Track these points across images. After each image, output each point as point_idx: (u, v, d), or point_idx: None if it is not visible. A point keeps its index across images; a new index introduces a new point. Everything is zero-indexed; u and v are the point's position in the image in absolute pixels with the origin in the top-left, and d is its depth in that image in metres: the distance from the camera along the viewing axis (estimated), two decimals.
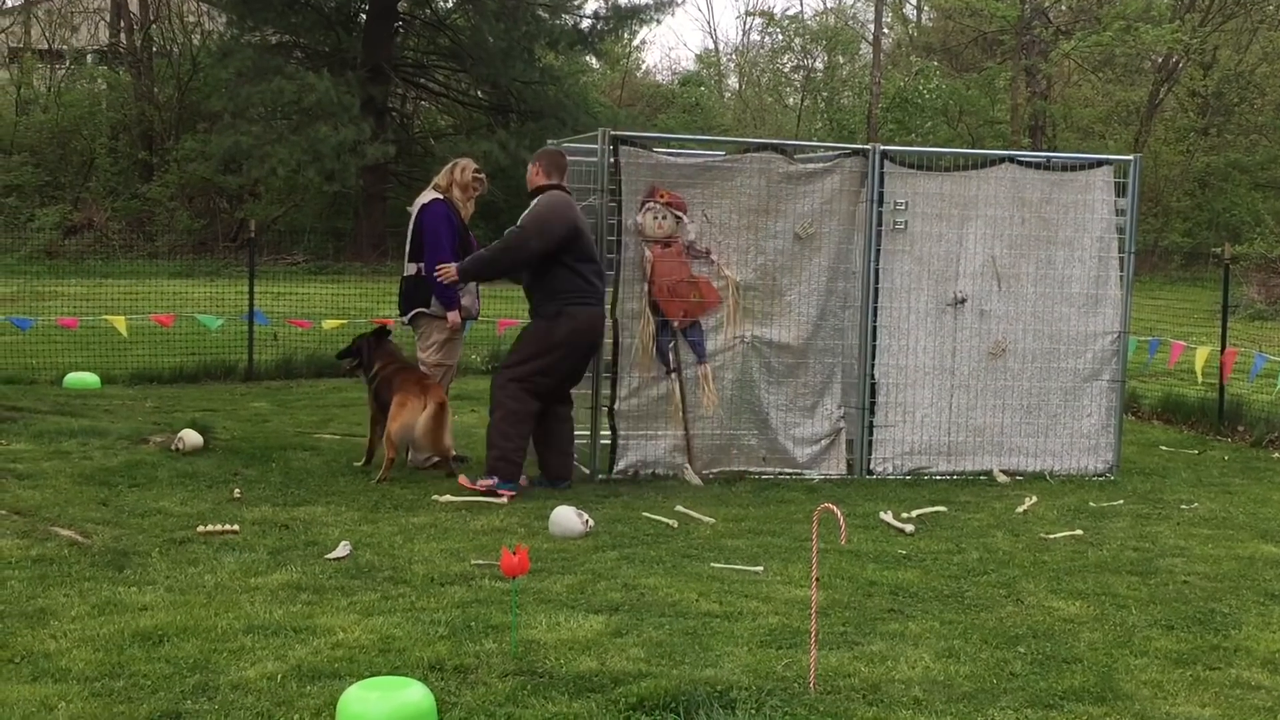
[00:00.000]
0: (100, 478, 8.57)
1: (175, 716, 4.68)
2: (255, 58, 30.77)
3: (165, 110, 36.65)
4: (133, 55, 37.54)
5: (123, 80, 38.11)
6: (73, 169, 36.52)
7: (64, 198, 34.58)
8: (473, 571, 6.66)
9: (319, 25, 32.94)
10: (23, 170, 34.80)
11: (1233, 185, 37.33)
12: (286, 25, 32.40)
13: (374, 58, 31.92)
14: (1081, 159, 10.28)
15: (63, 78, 39.88)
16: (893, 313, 9.70)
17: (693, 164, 9.59)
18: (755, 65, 53.59)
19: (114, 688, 4.91)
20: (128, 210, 34.00)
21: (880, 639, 5.79)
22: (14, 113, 38.29)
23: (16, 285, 21.16)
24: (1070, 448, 9.99)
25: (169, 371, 13.76)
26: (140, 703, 4.78)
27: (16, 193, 34.12)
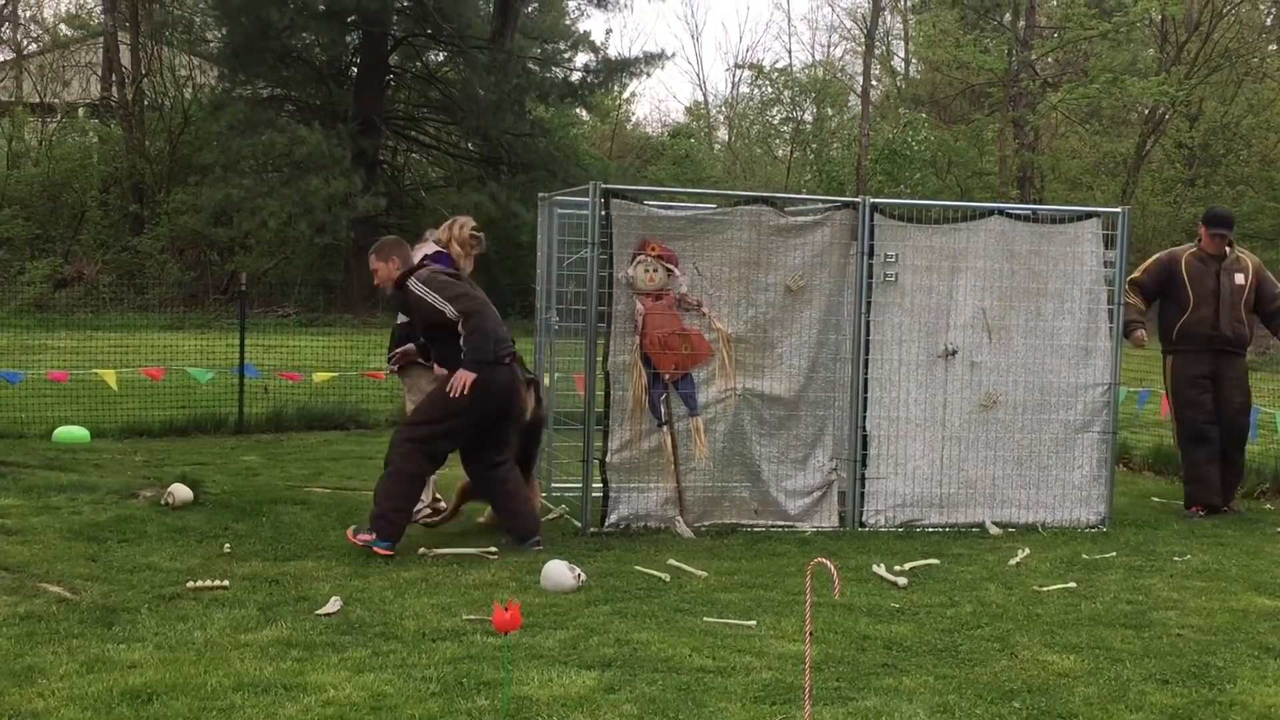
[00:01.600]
0: (89, 533, 8.52)
1: None
2: (247, 111, 30.89)
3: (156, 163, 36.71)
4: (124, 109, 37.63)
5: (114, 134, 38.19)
6: (64, 222, 36.53)
7: (55, 250, 34.57)
8: (464, 627, 6.62)
9: (310, 79, 33.11)
10: (14, 223, 34.81)
11: None
12: (278, 79, 32.56)
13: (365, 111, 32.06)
14: (1070, 211, 10.33)
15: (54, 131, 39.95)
16: (884, 365, 9.71)
17: (684, 217, 9.62)
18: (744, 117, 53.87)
19: None
20: (118, 263, 34.00)
21: (875, 694, 5.76)
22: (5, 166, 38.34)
23: (7, 338, 21.12)
24: (1062, 499, 9.98)
25: (159, 425, 13.71)
26: None
27: (7, 245, 34.12)
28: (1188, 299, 10.60)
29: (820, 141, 45.06)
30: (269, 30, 29.84)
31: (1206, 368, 10.58)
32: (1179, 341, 10.68)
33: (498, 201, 30.47)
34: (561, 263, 10.41)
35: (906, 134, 39.02)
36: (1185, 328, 10.62)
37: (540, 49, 34.63)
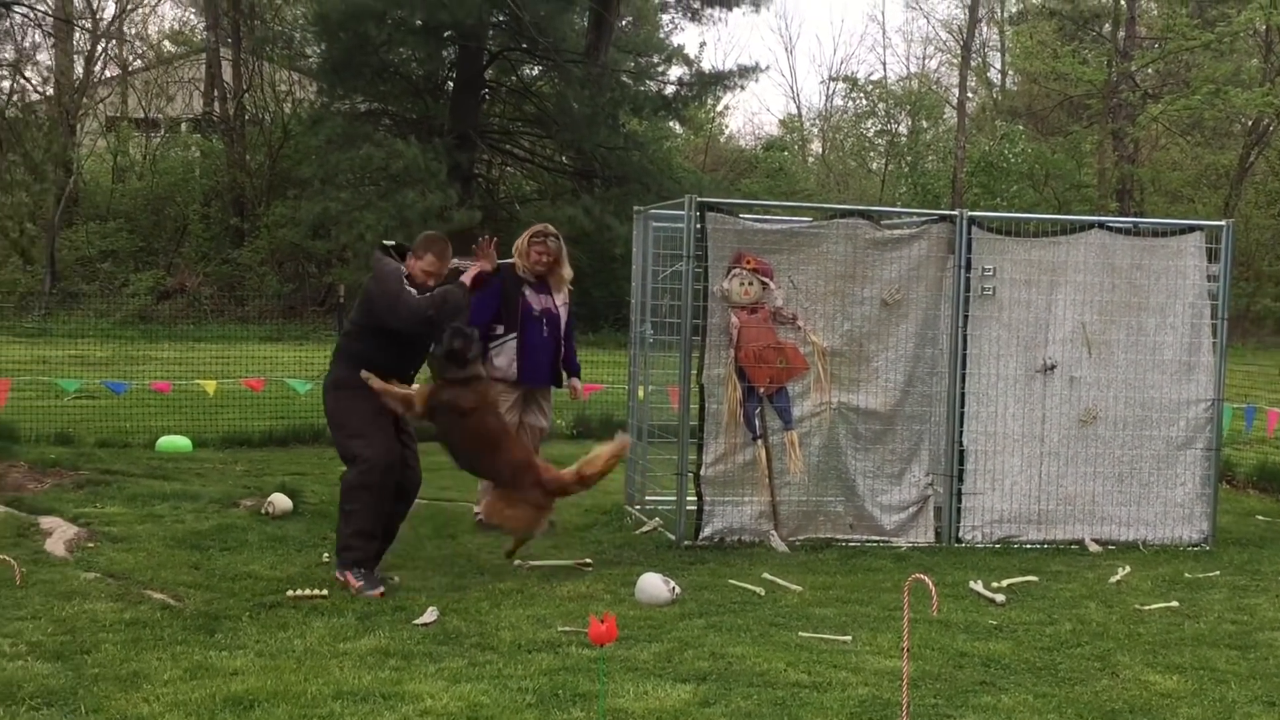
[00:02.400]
0: (192, 541, 8.66)
1: None
2: (345, 125, 31.25)
3: (256, 177, 37.29)
4: (226, 123, 38.27)
5: (216, 148, 38.86)
6: (166, 235, 37.23)
7: (158, 263, 35.24)
8: (560, 638, 6.64)
9: (407, 93, 33.43)
10: (119, 236, 35.55)
11: None
12: (376, 93, 32.90)
13: (461, 125, 32.31)
14: (1172, 225, 10.17)
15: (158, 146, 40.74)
16: (981, 379, 9.62)
17: (779, 230, 9.61)
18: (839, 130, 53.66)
19: None
20: (219, 275, 34.57)
21: (972, 712, 5.70)
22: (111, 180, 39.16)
23: (111, 349, 21.52)
24: (1164, 517, 9.83)
25: (259, 435, 13.91)
26: None
27: (112, 258, 34.83)
28: None
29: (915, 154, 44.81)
30: (367, 46, 30.16)
31: None
32: None
33: (591, 215, 30.57)
34: (656, 276, 10.42)
35: (1003, 146, 38.70)
36: None
37: (634, 62, 34.71)
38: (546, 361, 9.56)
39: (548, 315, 9.49)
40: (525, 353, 9.43)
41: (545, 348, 9.50)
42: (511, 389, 9.49)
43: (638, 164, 33.10)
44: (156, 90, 41.59)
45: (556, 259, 9.60)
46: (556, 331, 9.53)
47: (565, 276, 9.68)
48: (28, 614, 6.79)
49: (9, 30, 31.54)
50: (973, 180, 37.90)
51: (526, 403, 9.59)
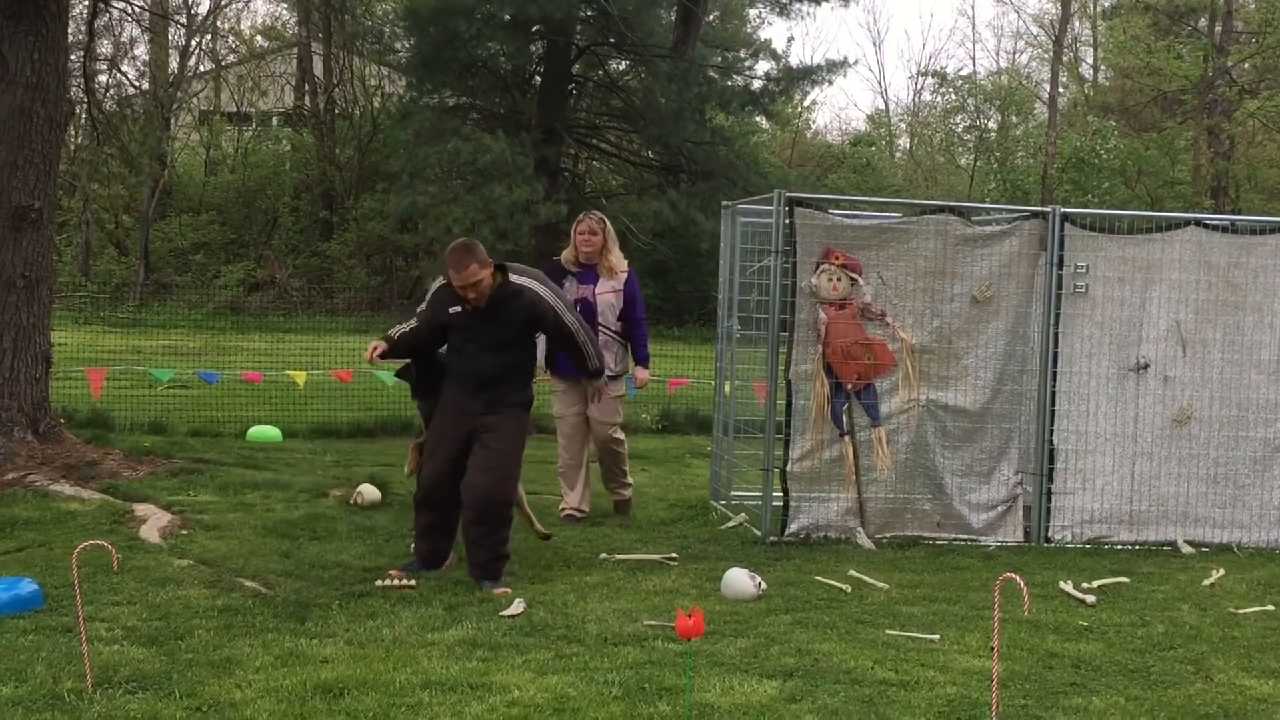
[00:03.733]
0: (282, 530, 8.77)
1: None
2: (433, 119, 31.47)
3: (346, 170, 37.68)
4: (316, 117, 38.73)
5: (306, 142, 39.33)
6: (257, 227, 37.75)
7: (248, 255, 35.75)
8: (646, 632, 6.65)
9: (495, 88, 33.60)
10: (210, 228, 36.10)
11: None
12: (464, 88, 33.11)
13: (548, 119, 32.42)
14: (1271, 222, 9.98)
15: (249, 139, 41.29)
16: (1072, 378, 9.50)
17: (868, 225, 9.55)
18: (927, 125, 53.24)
19: None
20: (308, 267, 34.99)
21: (1063, 713, 5.64)
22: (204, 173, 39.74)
23: (203, 340, 21.86)
24: (1260, 519, 9.66)
25: (347, 426, 14.06)
26: None
27: (204, 250, 35.38)
28: None
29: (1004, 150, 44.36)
30: (456, 40, 30.34)
31: None
32: None
33: (677, 209, 30.54)
34: (744, 271, 10.40)
35: (1095, 142, 38.21)
36: None
37: (721, 57, 34.68)
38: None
39: (583, 304, 9.36)
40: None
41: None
42: (560, 380, 9.67)
43: (724, 159, 33.02)
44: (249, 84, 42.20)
45: (604, 244, 9.65)
46: (591, 321, 9.19)
47: (614, 263, 9.68)
48: (123, 599, 6.91)
49: (107, 25, 32.14)
50: (1063, 176, 37.47)
51: (588, 396, 9.46)
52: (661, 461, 12.87)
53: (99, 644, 6.05)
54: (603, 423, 9.71)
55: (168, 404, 14.62)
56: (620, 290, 9.68)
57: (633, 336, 9.80)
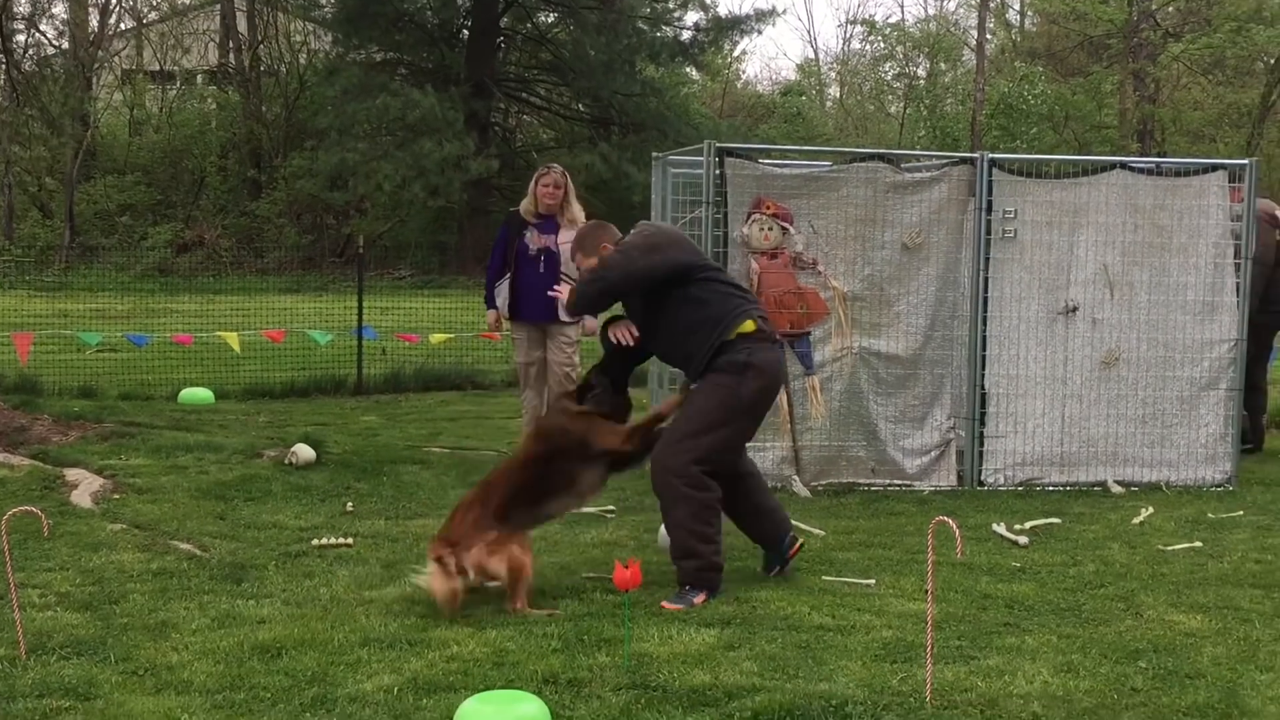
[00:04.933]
0: (216, 492, 8.71)
1: None
2: (360, 75, 31.17)
3: (273, 128, 37.27)
4: (241, 75, 38.24)
5: (231, 100, 38.83)
6: (184, 187, 37.29)
7: (176, 216, 35.31)
8: (584, 585, 6.67)
9: (422, 42, 33.31)
10: (136, 189, 35.61)
11: None
12: (391, 43, 32.80)
13: (477, 73, 32.18)
14: (1195, 164, 10.09)
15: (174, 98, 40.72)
16: (1002, 322, 9.59)
17: (798, 175, 9.56)
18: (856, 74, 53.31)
19: (235, 700, 4.99)
20: (237, 227, 34.63)
21: (997, 653, 5.71)
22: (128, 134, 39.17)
23: (131, 302, 21.60)
24: (1187, 457, 9.80)
25: (280, 386, 13.96)
26: (261, 715, 4.85)
27: (130, 211, 34.92)
28: None
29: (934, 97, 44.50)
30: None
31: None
32: None
33: (609, 162, 30.47)
34: (675, 222, 10.38)
35: (1022, 88, 38.39)
36: None
37: (650, 8, 34.49)
38: (543, 298, 9.60)
39: (546, 253, 9.77)
40: (519, 290, 9.83)
41: (542, 284, 9.58)
42: (520, 327, 9.95)
43: (655, 111, 32.95)
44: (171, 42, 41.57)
45: (565, 195, 9.87)
46: (555, 269, 9.67)
47: (575, 214, 9.91)
48: (56, 565, 6.84)
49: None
50: (992, 123, 37.64)
51: (547, 341, 9.90)
52: None
53: (31, 610, 5.99)
54: (559, 365, 9.95)
55: (97, 368, 14.46)
56: None
57: None
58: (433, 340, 14.71)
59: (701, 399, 6.69)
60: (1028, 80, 38.82)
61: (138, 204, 35.32)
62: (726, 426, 6.63)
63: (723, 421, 6.62)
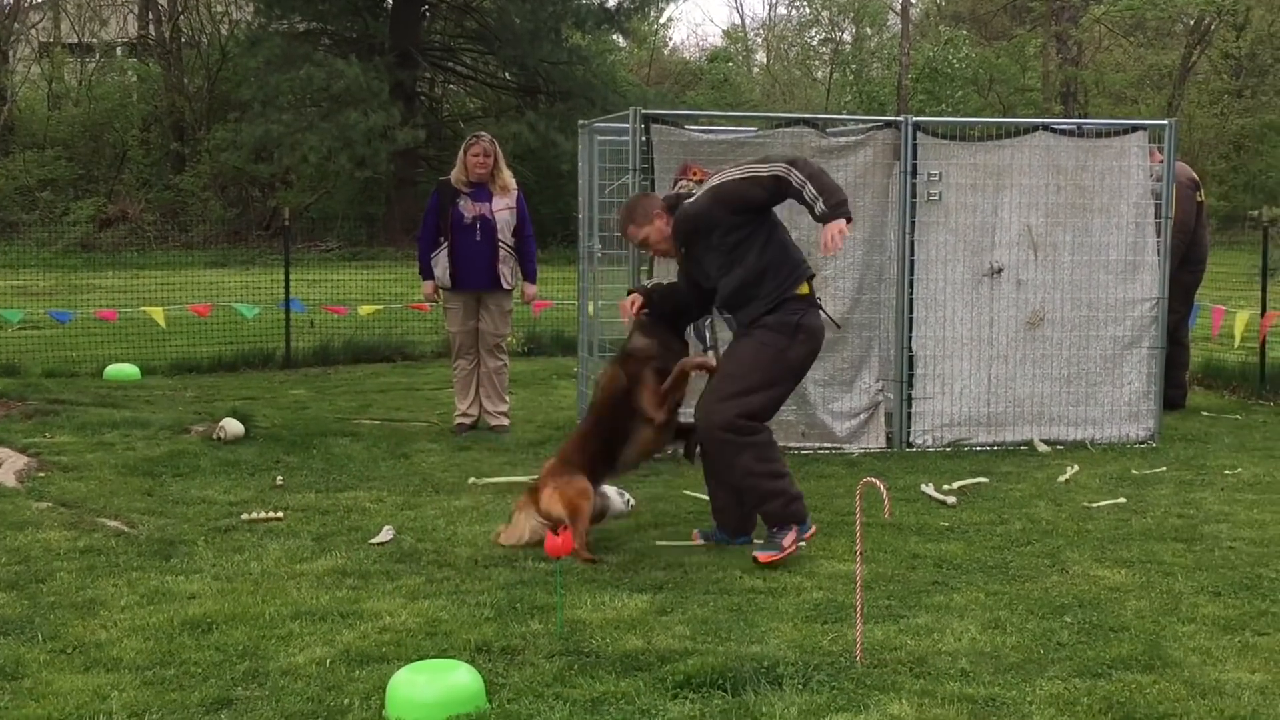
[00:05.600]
0: (144, 468, 8.63)
1: (226, 703, 4.71)
2: (284, 46, 30.86)
3: (195, 101, 36.83)
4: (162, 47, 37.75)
5: (152, 72, 38.33)
6: (105, 162, 36.79)
7: (98, 190, 34.84)
8: (516, 554, 6.67)
9: (346, 11, 33.00)
10: (57, 164, 35.07)
11: (1269, 147, 37.03)
12: (314, 13, 32.48)
13: (401, 42, 31.95)
14: (1116, 125, 10.20)
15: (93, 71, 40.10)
16: (929, 284, 9.66)
17: (725, 140, 9.57)
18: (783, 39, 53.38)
19: (165, 676, 4.95)
20: (161, 201, 34.22)
21: (926, 611, 5.78)
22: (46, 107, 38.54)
23: (54, 279, 21.31)
24: (1112, 415, 9.94)
25: (208, 361, 13.84)
26: (192, 690, 4.82)
27: (51, 186, 34.38)
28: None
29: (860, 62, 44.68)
30: None
31: None
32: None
33: (536, 131, 30.38)
34: (603, 190, 10.38)
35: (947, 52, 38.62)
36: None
37: None
38: (482, 266, 10.01)
39: (482, 221, 9.92)
40: (457, 259, 9.95)
41: (480, 253, 9.97)
42: (456, 297, 10.06)
43: (582, 79, 32.87)
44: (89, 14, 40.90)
45: (495, 163, 10.01)
46: (492, 237, 9.94)
47: (506, 180, 10.09)
48: None
49: None
50: (918, 87, 37.84)
51: (480, 310, 10.09)
52: (528, 384, 12.87)
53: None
54: (493, 334, 10.13)
55: (19, 345, 14.26)
56: (513, 207, 10.12)
57: (523, 252, 10.22)
58: (361, 312, 14.63)
59: (751, 356, 6.72)
60: (952, 44, 39.06)
61: (58, 179, 34.80)
62: (775, 387, 6.73)
63: (771, 382, 6.70)
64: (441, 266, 9.97)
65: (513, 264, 10.11)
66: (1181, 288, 10.85)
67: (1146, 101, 38.62)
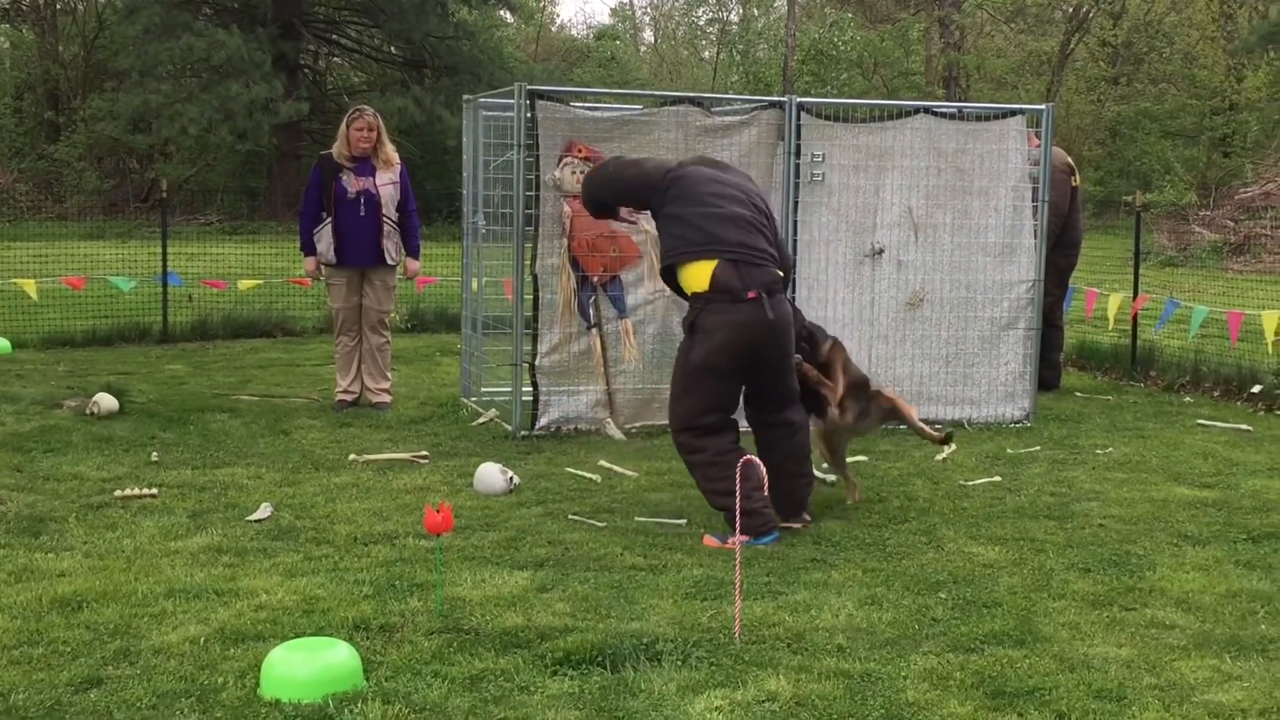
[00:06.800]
0: (13, 443, 8.43)
1: (96, 682, 4.63)
2: (163, 14, 30.23)
3: (71, 69, 35.98)
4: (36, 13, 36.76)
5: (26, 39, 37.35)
6: None
7: None
8: (396, 530, 6.63)
9: None
10: None
11: (1143, 134, 37.81)
12: None
13: (284, 13, 31.47)
14: (994, 109, 10.34)
15: None
16: (811, 264, 9.73)
17: (610, 118, 9.54)
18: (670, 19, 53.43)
19: (33, 655, 4.85)
20: (34, 171, 33.41)
21: (804, 588, 5.84)
22: None
23: None
24: (989, 395, 10.10)
25: (81, 335, 13.54)
26: (60, 669, 4.73)
27: None
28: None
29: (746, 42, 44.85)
30: None
31: None
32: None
33: (422, 106, 30.13)
34: (488, 166, 10.33)
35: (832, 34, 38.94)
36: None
37: None
38: (367, 242, 9.92)
39: (365, 196, 9.83)
40: (341, 235, 9.85)
41: (364, 228, 9.87)
42: (340, 272, 9.96)
43: (468, 54, 32.65)
44: None
45: (378, 138, 9.90)
46: (376, 211, 9.86)
47: (390, 155, 10.01)
48: None
49: None
50: (803, 68, 38.09)
51: (364, 286, 10.01)
52: (411, 360, 12.77)
53: None
54: (377, 310, 10.06)
55: None
56: (397, 182, 10.03)
57: (406, 227, 10.11)
58: (241, 287, 14.41)
59: (674, 363, 6.98)
60: (838, 26, 39.37)
61: None
62: (690, 394, 6.74)
63: (685, 389, 6.76)
64: (325, 242, 9.86)
65: (396, 239, 10.00)
66: (1057, 270, 11.03)
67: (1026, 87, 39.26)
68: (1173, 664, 5.01)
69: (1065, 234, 11.26)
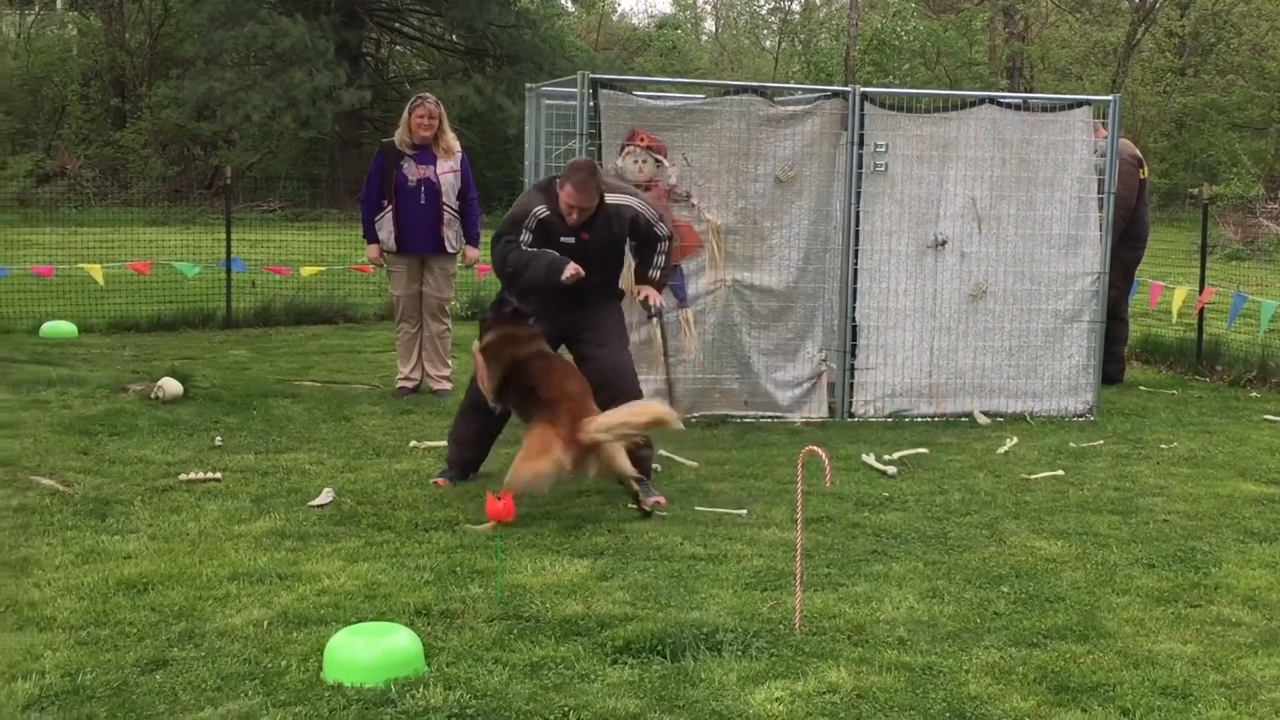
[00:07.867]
0: (80, 427, 8.53)
1: (162, 664, 4.68)
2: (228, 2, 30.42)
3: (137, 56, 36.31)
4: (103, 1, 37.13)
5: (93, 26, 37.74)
6: (44, 116, 36.24)
7: (36, 145, 34.33)
8: (457, 517, 6.66)
9: None
10: None
11: (1209, 126, 37.33)
12: None
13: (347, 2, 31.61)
14: (1061, 100, 10.24)
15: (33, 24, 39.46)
16: (873, 255, 9.68)
17: (673, 107, 9.53)
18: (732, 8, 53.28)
19: (100, 636, 4.91)
20: (101, 158, 33.74)
21: (865, 580, 5.82)
22: None
23: None
24: (1051, 389, 10.01)
25: (146, 320, 13.67)
26: (126, 650, 4.78)
27: None
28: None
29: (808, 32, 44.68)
30: None
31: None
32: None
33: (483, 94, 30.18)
34: (549, 155, 10.33)
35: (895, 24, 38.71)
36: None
37: None
38: (427, 230, 9.98)
39: (426, 184, 9.88)
40: (402, 223, 9.92)
41: (425, 216, 9.94)
42: (400, 260, 10.05)
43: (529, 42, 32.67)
44: None
45: (440, 125, 9.96)
46: (437, 200, 9.91)
47: (450, 143, 10.05)
48: None
49: None
50: (865, 58, 37.90)
51: (425, 273, 10.10)
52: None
53: None
54: (437, 297, 10.13)
55: None
56: (458, 170, 10.07)
57: (467, 215, 10.16)
58: (304, 273, 14.50)
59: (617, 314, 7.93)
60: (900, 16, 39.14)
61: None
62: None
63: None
64: (386, 230, 9.92)
65: (457, 227, 10.05)
66: (1122, 264, 10.92)
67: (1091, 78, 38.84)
68: (1239, 661, 4.96)
69: (1131, 227, 11.14)
